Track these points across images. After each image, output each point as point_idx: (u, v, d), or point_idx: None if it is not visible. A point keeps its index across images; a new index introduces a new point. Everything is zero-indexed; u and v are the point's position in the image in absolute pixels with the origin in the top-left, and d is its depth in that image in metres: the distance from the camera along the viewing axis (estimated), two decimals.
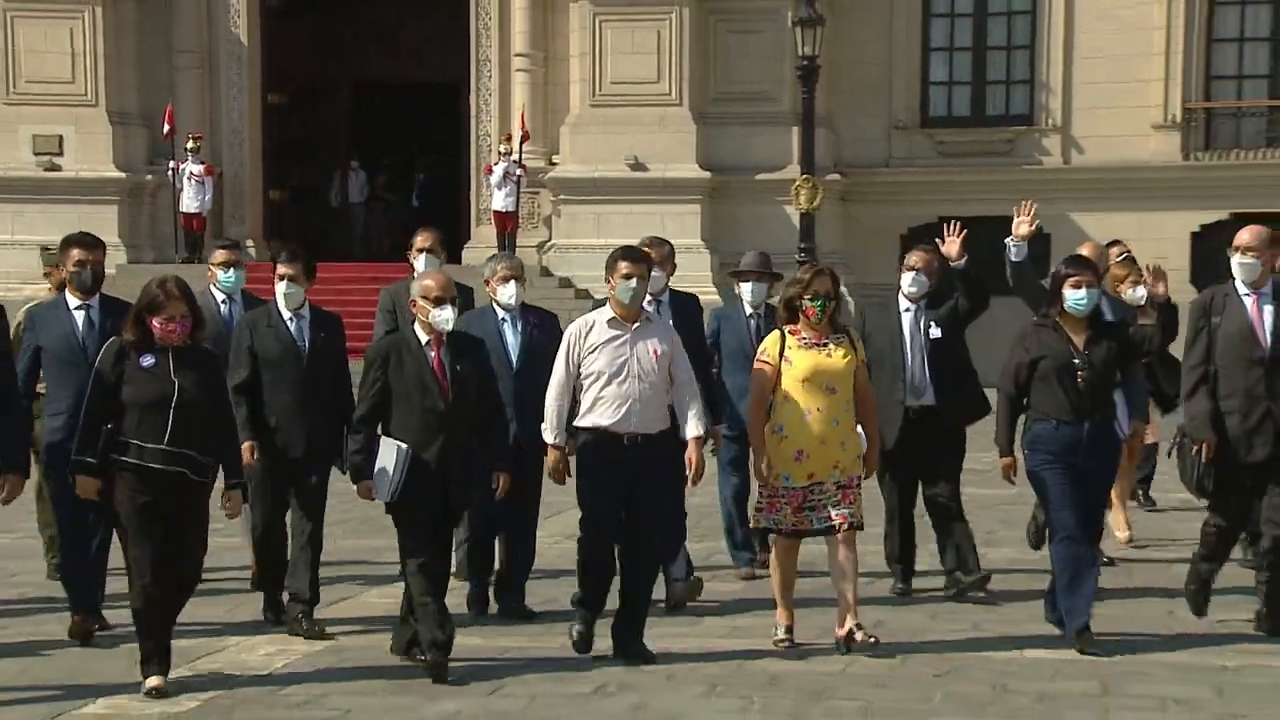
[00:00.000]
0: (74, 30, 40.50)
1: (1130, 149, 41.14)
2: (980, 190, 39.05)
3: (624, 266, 11.78)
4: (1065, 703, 10.85)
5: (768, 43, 40.29)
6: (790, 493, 11.99)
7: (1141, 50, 41.01)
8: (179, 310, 10.65)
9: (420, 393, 11.10)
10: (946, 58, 43.01)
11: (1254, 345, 12.51)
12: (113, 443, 10.54)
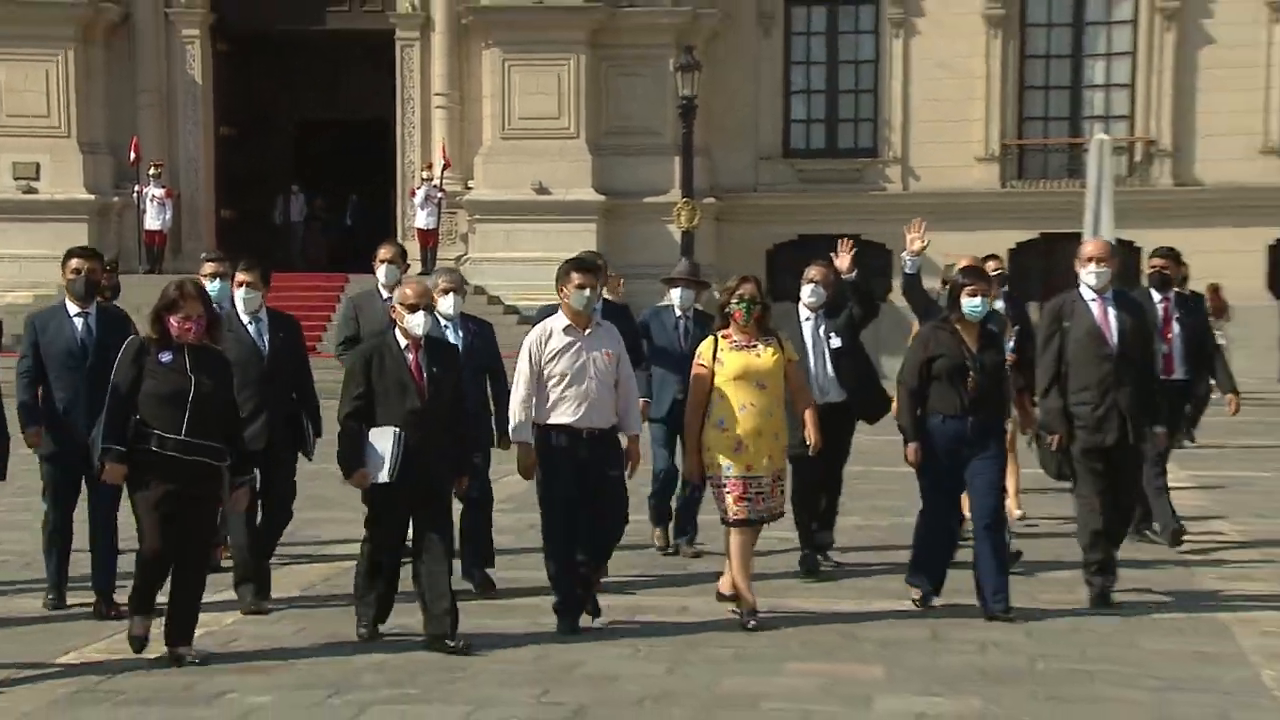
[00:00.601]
0: (49, 71, 41.25)
1: (957, 178, 42.32)
2: (834, 212, 40.08)
3: (576, 277, 11.94)
4: (901, 647, 11.42)
5: (652, 85, 41.18)
6: (731, 482, 12.00)
7: (967, 95, 42.55)
8: (195, 310, 10.66)
9: (400, 392, 11.10)
10: (805, 99, 43.98)
11: (1102, 344, 12.98)
12: (136, 433, 10.50)
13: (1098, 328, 12.90)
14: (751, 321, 12.08)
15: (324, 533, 15.91)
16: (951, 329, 12.35)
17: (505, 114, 41.78)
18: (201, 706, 10.24)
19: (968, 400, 12.16)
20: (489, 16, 41.76)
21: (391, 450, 10.90)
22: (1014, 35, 43.07)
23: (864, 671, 11.02)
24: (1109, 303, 13.04)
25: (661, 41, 41.35)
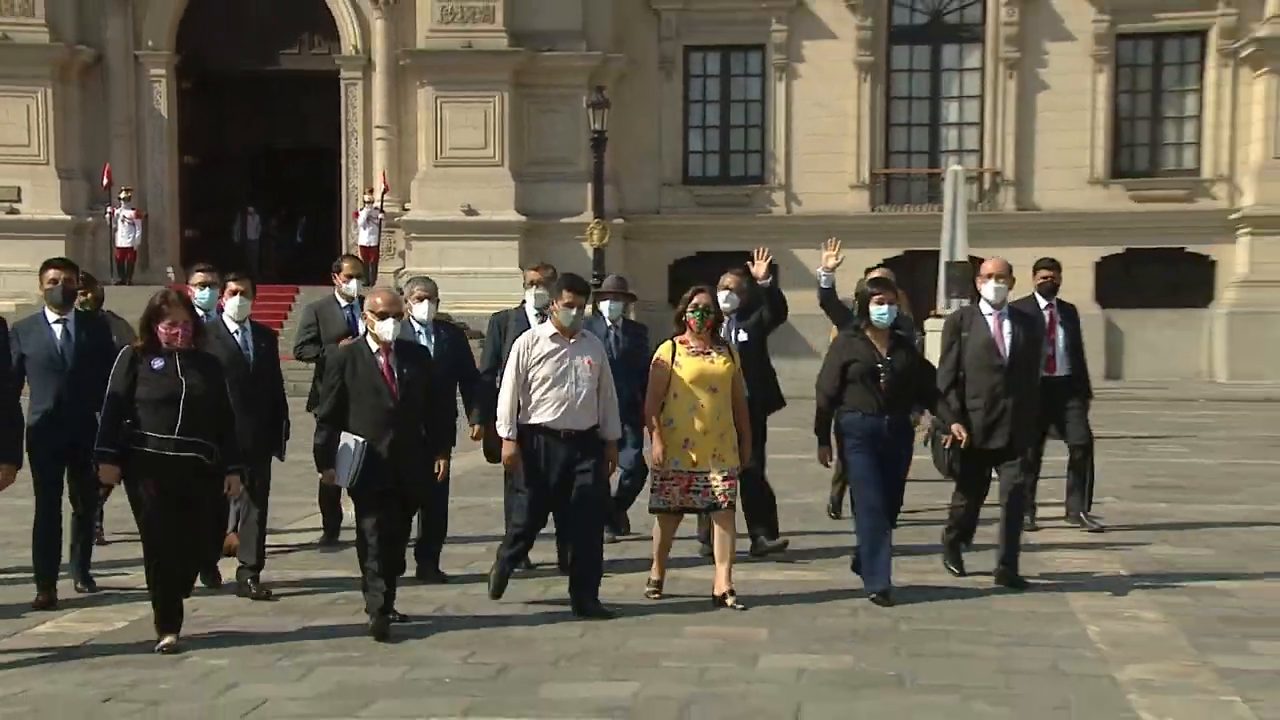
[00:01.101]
0: (30, 106, 41.53)
1: (833, 203, 42.95)
2: (727, 232, 41.71)
3: (567, 295, 11.86)
4: (784, 612, 11.61)
5: (568, 120, 41.92)
6: (678, 475, 12.03)
7: (841, 131, 43.47)
8: (180, 316, 10.54)
9: (373, 394, 11.01)
10: (701, 133, 44.69)
11: (995, 355, 12.95)
12: (131, 436, 10.40)
13: (992, 340, 12.95)
14: (704, 329, 12.12)
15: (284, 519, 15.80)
16: (863, 335, 12.31)
17: (438, 145, 42.26)
18: (166, 668, 10.41)
19: (882, 399, 12.15)
20: (423, 59, 42.33)
21: (353, 462, 10.93)
22: (880, 80, 44.12)
23: (752, 634, 11.28)
24: (1004, 317, 13.07)
25: (576, 82, 42.10)
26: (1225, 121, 43.25)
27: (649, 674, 10.31)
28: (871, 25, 43.58)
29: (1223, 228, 42.30)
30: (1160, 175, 43.92)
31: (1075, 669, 10.55)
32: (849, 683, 10.19)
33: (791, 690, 10.03)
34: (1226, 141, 43.32)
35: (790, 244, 39.78)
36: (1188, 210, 42.86)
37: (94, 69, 43.09)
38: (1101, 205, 42.76)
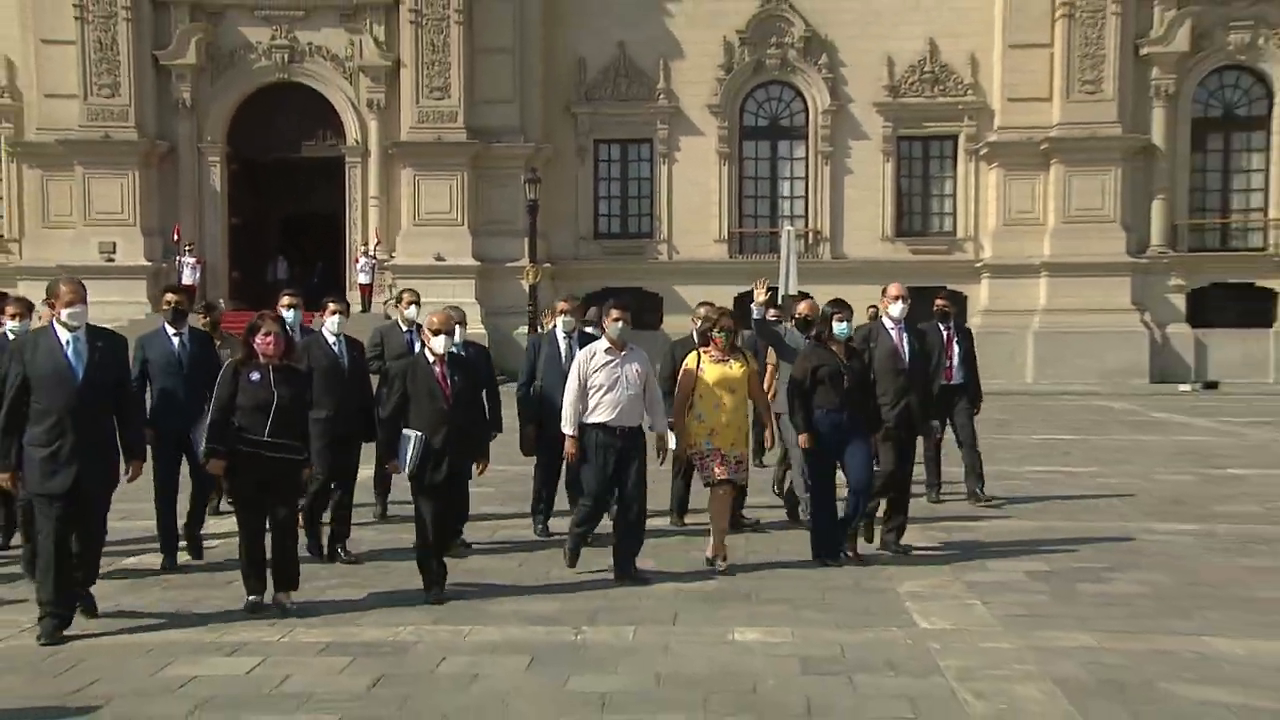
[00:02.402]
0: (122, 184, 43.07)
1: (702, 252, 45.07)
2: (625, 274, 44.14)
3: (614, 313, 11.59)
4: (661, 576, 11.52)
5: (510, 192, 43.02)
6: (713, 453, 11.79)
7: (707, 200, 45.30)
8: (274, 329, 10.25)
9: (429, 397, 10.56)
10: (607, 201, 46.34)
11: (898, 361, 12.95)
12: (233, 435, 10.12)
13: (895, 349, 12.97)
14: (727, 344, 11.99)
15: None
16: (826, 346, 12.16)
17: (416, 210, 43.67)
18: (218, 589, 11.11)
19: (843, 398, 11.97)
20: (405, 149, 43.55)
21: (412, 452, 10.55)
22: (735, 164, 45.71)
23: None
24: (903, 330, 13.11)
25: (516, 165, 43.24)
26: (970, 198, 45.24)
27: (571, 596, 10.96)
28: (728, 126, 45.45)
29: (971, 272, 44.38)
30: (929, 235, 45.88)
31: (872, 585, 11.44)
32: (711, 599, 10.97)
33: (670, 603, 10.76)
34: (972, 212, 45.31)
35: (671, 282, 43.14)
36: (947, 260, 44.80)
37: (168, 156, 44.14)
38: (889, 255, 44.28)
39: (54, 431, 9.51)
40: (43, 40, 43.56)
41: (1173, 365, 43.54)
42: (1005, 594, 11.22)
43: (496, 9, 44.09)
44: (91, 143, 43.11)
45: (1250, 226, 45.04)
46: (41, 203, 44.36)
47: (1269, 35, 43.78)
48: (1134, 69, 43.91)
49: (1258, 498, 17.36)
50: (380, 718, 7.90)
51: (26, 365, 9.53)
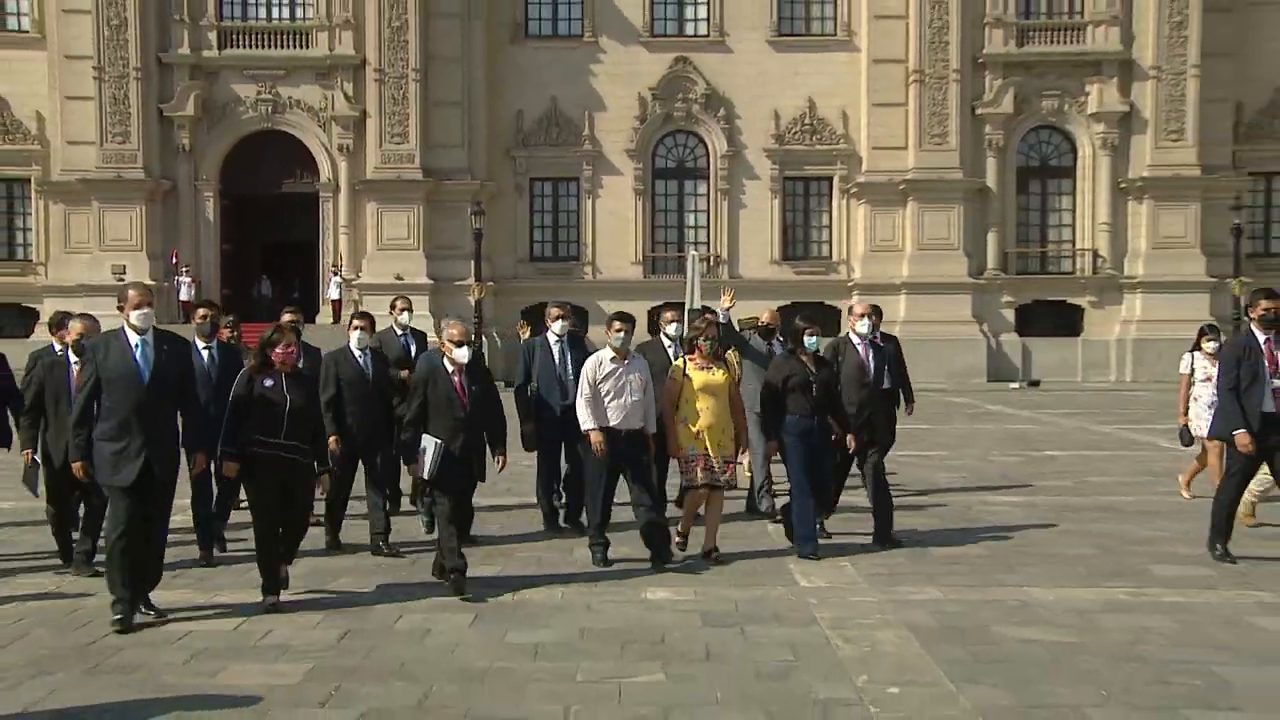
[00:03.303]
0: (132, 216, 43.07)
1: (622, 273, 45.08)
2: (556, 291, 40.84)
3: (616, 324, 10.90)
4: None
5: (459, 222, 43.00)
6: (697, 458, 10.96)
7: (625, 229, 45.48)
8: (290, 340, 9.46)
9: (448, 404, 9.70)
10: (541, 229, 46.25)
11: (864, 374, 12.18)
12: (247, 439, 9.22)
13: (862, 362, 12.20)
14: (711, 351, 11.24)
15: None
16: (797, 357, 11.40)
17: (379, 237, 43.48)
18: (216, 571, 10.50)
19: (812, 405, 11.20)
20: (370, 186, 43.38)
21: (432, 458, 9.66)
22: (648, 199, 45.88)
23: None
24: (868, 346, 12.35)
25: (464, 199, 43.28)
26: (843, 228, 45.65)
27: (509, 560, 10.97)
28: (642, 167, 45.68)
29: (844, 290, 44.10)
30: (809, 259, 45.97)
31: (761, 551, 11.60)
32: (628, 564, 10.90)
33: (593, 568, 10.78)
34: (844, 240, 45.68)
35: (595, 298, 41.93)
36: (824, 280, 45.14)
37: (170, 193, 43.99)
38: (777, 276, 44.60)
39: (123, 428, 8.83)
40: (67, 97, 43.79)
41: (1005, 367, 44.29)
42: (869, 557, 11.32)
43: (448, 69, 44.19)
44: (106, 181, 43.25)
45: (1063, 255, 45.99)
46: (64, 232, 44.38)
47: (1071, 102, 45.13)
48: (971, 126, 44.78)
49: (1068, 474, 17.77)
50: (348, 665, 7.88)
51: (99, 366, 8.86)
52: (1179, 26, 44.07)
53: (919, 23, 44.34)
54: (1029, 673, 7.74)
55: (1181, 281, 44.05)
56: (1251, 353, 10.58)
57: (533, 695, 7.23)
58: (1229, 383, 10.72)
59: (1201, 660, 8.03)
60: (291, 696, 7.20)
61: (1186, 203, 44.48)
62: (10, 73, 44.79)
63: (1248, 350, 10.61)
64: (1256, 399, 10.51)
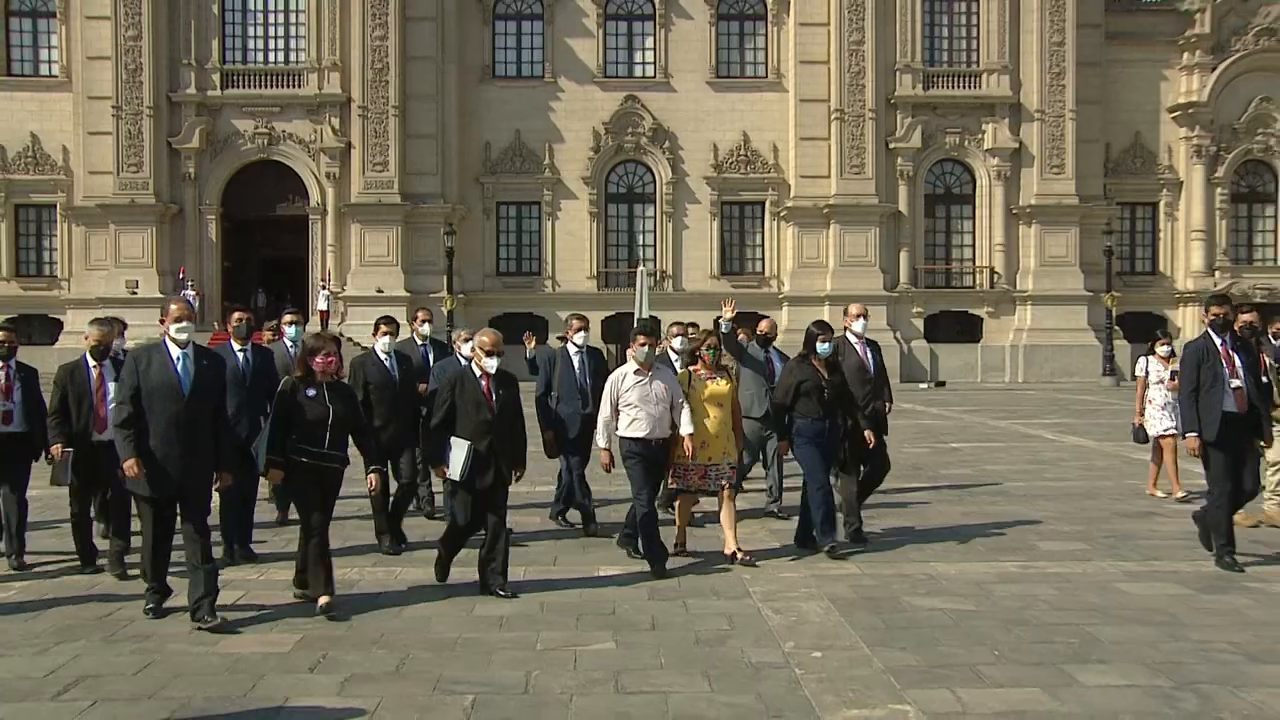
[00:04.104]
0: (144, 237, 42.95)
1: (578, 286, 44.64)
2: (520, 302, 43.75)
3: (640, 339, 9.93)
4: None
5: (434, 241, 42.96)
6: (696, 467, 10.04)
7: (581, 247, 44.98)
8: (332, 348, 8.60)
9: (476, 409, 8.87)
10: (507, 248, 45.91)
11: (865, 372, 11.20)
12: (292, 448, 8.40)
13: (862, 361, 11.33)
14: (715, 361, 10.39)
15: None
16: (810, 362, 10.60)
17: (362, 254, 43.37)
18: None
19: (824, 408, 10.44)
20: (354, 209, 43.23)
21: (464, 459, 8.82)
22: (601, 221, 45.63)
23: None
24: (866, 345, 11.47)
25: (437, 221, 43.23)
26: (774, 247, 45.70)
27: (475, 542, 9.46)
28: (596, 193, 45.36)
29: (775, 301, 43.91)
30: (744, 274, 45.72)
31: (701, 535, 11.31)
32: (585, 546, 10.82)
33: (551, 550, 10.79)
34: (775, 257, 45.71)
35: (554, 309, 42.23)
36: (758, 292, 44.52)
37: (178, 216, 43.81)
38: (715, 289, 43.44)
39: (161, 439, 8.02)
40: (89, 132, 43.79)
41: (915, 369, 44.45)
42: (770, 521, 11.38)
43: (423, 106, 44.21)
44: (121, 206, 43.22)
45: (964, 271, 46.26)
46: (84, 251, 44.15)
47: (970, 139, 45.64)
48: (885, 158, 45.12)
49: (969, 464, 17.85)
50: (334, 635, 7.86)
51: (140, 376, 8.06)
52: (1058, 77, 45.15)
53: (839, 68, 44.81)
54: (933, 636, 7.83)
55: (1064, 295, 45.00)
56: (1210, 355, 9.99)
57: (498, 662, 7.23)
58: (1189, 385, 10.07)
59: (1077, 622, 8.21)
60: (283, 663, 7.16)
61: (1067, 227, 45.45)
62: (41, 112, 44.85)
63: (1206, 353, 10.02)
64: (1218, 399, 9.91)
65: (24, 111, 44.80)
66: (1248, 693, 6.66)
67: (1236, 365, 9.93)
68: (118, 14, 43.03)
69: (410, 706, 6.39)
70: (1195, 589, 9.31)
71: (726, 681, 6.84)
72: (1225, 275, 47.19)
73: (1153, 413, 14.08)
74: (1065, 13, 44.99)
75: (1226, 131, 47.25)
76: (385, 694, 6.60)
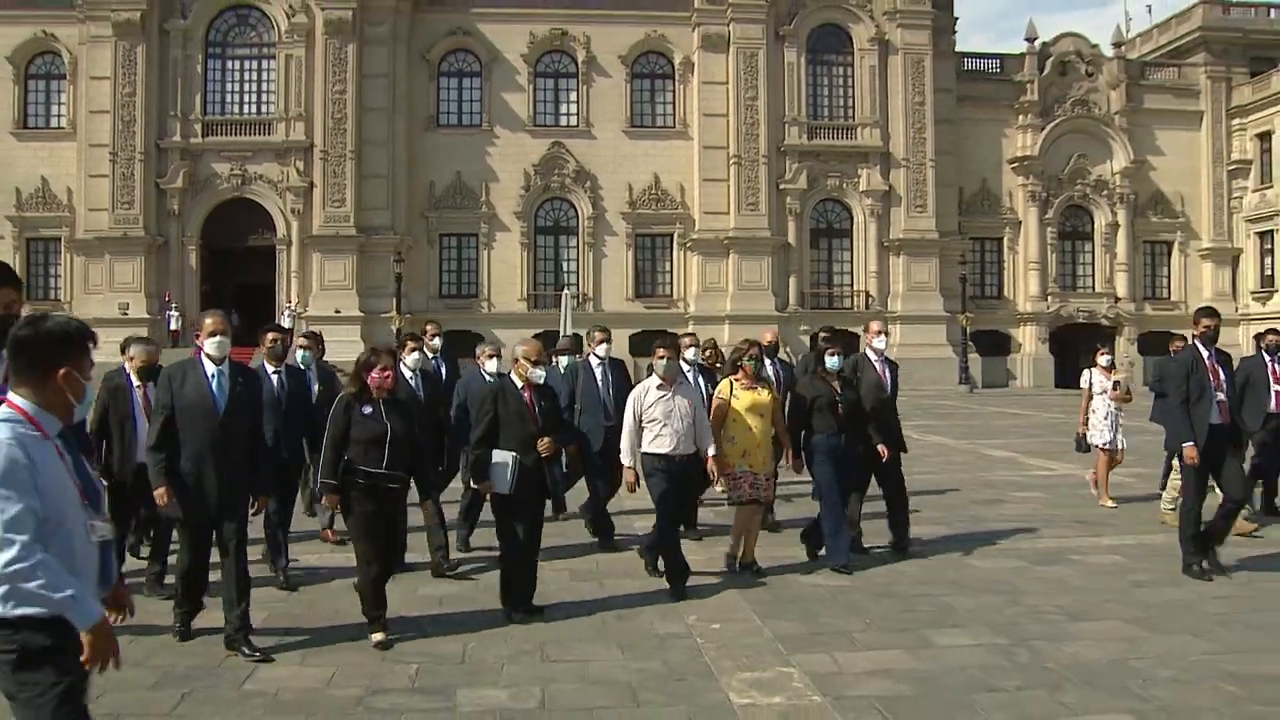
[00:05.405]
0: (134, 266, 42.22)
1: (510, 307, 44.18)
2: (460, 321, 41.50)
3: (661, 352, 8.61)
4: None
5: (384, 268, 42.34)
6: (745, 474, 8.91)
7: (514, 273, 44.62)
8: (388, 363, 7.28)
9: (519, 421, 7.64)
10: (449, 274, 45.22)
11: (881, 389, 9.91)
12: (348, 469, 7.04)
13: (879, 379, 10.04)
14: (756, 372, 9.22)
15: None
16: (821, 376, 9.52)
17: (322, 279, 42.74)
18: None
19: (839, 424, 9.28)
20: (316, 240, 42.73)
21: (511, 474, 7.55)
22: (530, 250, 44.53)
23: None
24: (883, 362, 10.17)
25: (388, 250, 42.58)
26: (681, 273, 45.00)
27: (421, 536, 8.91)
28: (527, 226, 44.62)
29: (683, 321, 42.52)
30: (655, 297, 45.32)
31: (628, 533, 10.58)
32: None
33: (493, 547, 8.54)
34: (682, 282, 45.04)
35: (489, 327, 40.70)
36: (667, 313, 43.91)
37: (164, 247, 43.10)
38: (630, 310, 43.88)
39: (196, 460, 6.79)
40: (89, 175, 43.32)
41: None
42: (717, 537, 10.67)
43: (377, 150, 43.78)
44: (115, 239, 42.78)
45: (844, 294, 46.39)
46: (84, 277, 43.45)
47: (848, 182, 45.84)
48: (776, 197, 45.26)
49: None
50: (296, 613, 7.77)
51: (174, 395, 6.87)
52: (920, 131, 45.88)
53: (737, 120, 45.03)
54: (815, 608, 7.84)
55: (927, 315, 45.42)
56: (1198, 367, 8.93)
57: (437, 635, 7.17)
58: (1179, 397, 8.96)
59: (936, 594, 8.31)
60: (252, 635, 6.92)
61: (929, 258, 46.01)
62: (51, 159, 44.22)
63: (1195, 365, 8.96)
64: (1204, 411, 8.85)
65: (36, 158, 44.33)
66: (1068, 645, 6.88)
67: (1220, 378, 8.99)
68: (116, 74, 43.00)
69: (363, 674, 6.32)
70: (1031, 562, 9.49)
71: (637, 650, 6.79)
72: (1055, 300, 48.32)
73: (1095, 423, 12.86)
74: (924, 78, 45.87)
75: (1054, 181, 48.51)
76: (341, 663, 6.51)
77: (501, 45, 45.35)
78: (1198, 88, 50.38)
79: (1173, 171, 49.47)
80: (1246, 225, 49.72)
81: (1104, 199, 48.83)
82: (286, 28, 44.16)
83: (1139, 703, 5.79)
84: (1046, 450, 18.97)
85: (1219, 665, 6.43)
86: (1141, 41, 55.55)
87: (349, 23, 43.56)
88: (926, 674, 6.29)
